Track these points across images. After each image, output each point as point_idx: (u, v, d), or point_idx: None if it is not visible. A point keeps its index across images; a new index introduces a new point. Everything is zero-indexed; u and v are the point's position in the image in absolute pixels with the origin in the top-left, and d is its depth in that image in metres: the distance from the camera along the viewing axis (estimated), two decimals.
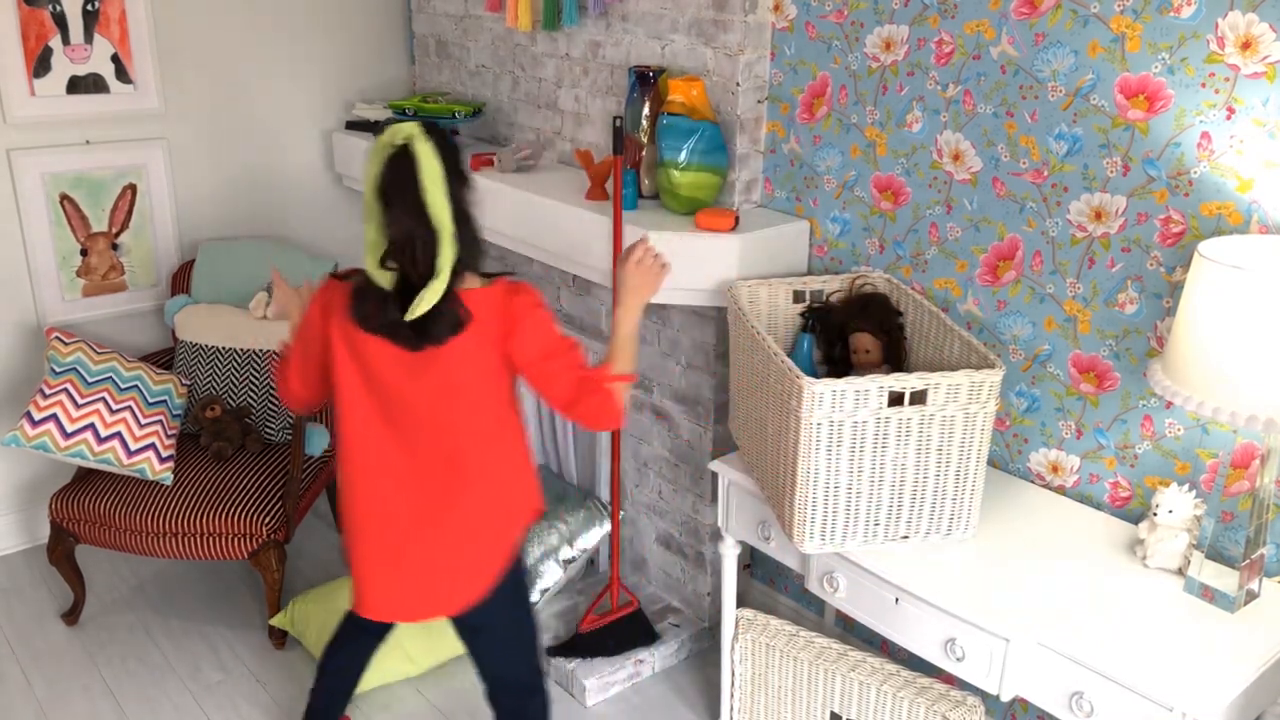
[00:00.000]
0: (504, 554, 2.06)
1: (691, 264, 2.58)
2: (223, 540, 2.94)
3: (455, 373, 1.95)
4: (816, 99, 2.63)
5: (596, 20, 2.99)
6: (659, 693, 2.94)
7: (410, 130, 1.86)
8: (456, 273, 1.90)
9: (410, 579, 2.04)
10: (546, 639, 3.01)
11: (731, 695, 2.30)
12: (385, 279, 1.92)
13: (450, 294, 1.89)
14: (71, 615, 3.17)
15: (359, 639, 2.35)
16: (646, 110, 2.74)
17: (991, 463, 2.45)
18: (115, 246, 3.52)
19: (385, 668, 2.86)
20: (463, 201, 1.92)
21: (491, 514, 2.04)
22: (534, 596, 2.18)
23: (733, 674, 2.26)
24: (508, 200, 3.00)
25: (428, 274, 1.88)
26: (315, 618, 2.94)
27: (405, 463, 2.00)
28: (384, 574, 2.05)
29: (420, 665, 2.94)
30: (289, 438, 3.26)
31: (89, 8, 3.29)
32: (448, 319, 1.90)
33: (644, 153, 2.79)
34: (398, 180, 1.86)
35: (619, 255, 2.18)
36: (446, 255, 1.88)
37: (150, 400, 3.08)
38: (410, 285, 1.90)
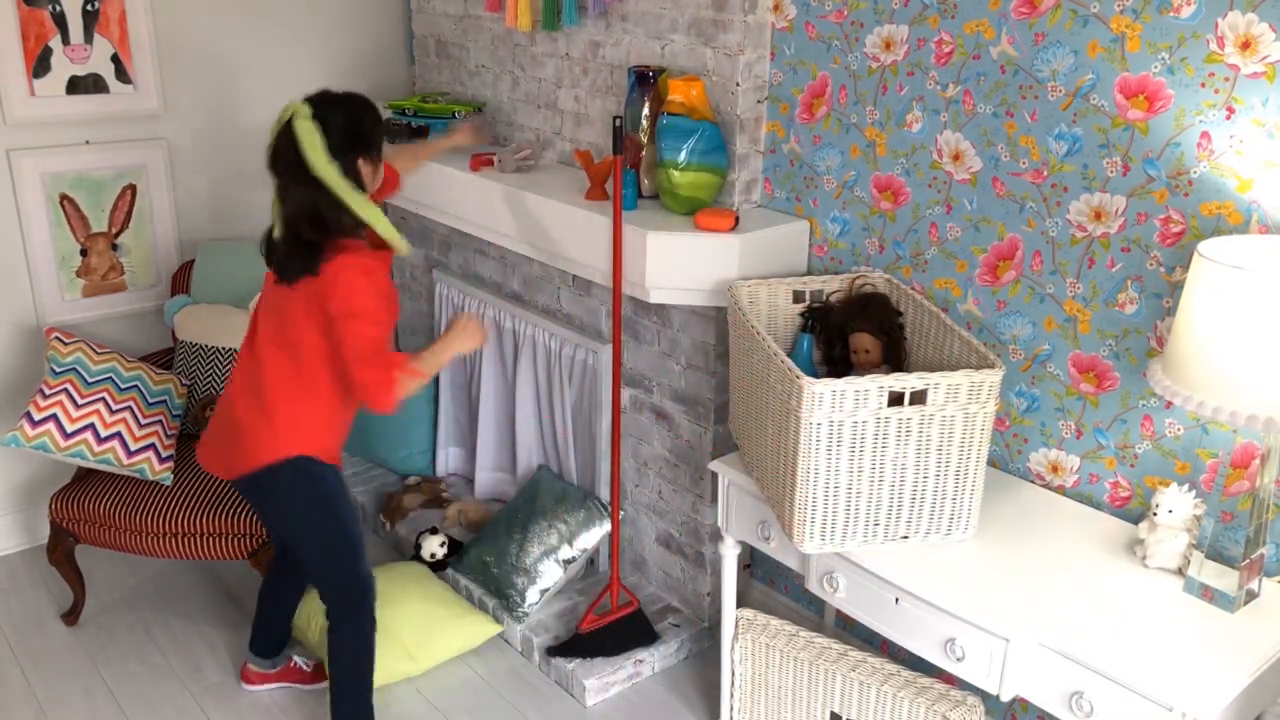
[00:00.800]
0: (259, 457, 2.36)
1: (691, 264, 2.58)
2: (223, 540, 2.94)
3: (288, 310, 2.30)
4: (816, 99, 2.63)
5: (596, 20, 2.99)
6: (659, 693, 2.94)
7: (295, 108, 2.24)
8: (331, 232, 2.24)
9: (207, 441, 2.50)
10: (547, 639, 3.01)
11: (731, 695, 2.30)
12: (275, 219, 2.32)
13: (307, 244, 2.23)
14: (71, 615, 3.17)
15: (276, 565, 2.80)
16: (646, 110, 2.74)
17: (991, 463, 2.45)
18: (115, 247, 3.52)
19: (385, 668, 2.86)
20: (348, 170, 2.24)
21: (266, 427, 2.35)
22: (339, 528, 2.50)
23: (733, 674, 2.26)
24: (508, 200, 3.00)
25: (293, 225, 2.24)
26: (315, 617, 2.93)
27: (246, 361, 2.41)
28: (205, 433, 2.53)
29: (420, 665, 2.94)
30: None
31: (89, 8, 3.29)
32: (294, 264, 2.25)
33: (644, 153, 2.79)
34: (281, 149, 2.23)
35: (454, 320, 2.47)
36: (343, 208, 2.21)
37: (150, 400, 3.08)
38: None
